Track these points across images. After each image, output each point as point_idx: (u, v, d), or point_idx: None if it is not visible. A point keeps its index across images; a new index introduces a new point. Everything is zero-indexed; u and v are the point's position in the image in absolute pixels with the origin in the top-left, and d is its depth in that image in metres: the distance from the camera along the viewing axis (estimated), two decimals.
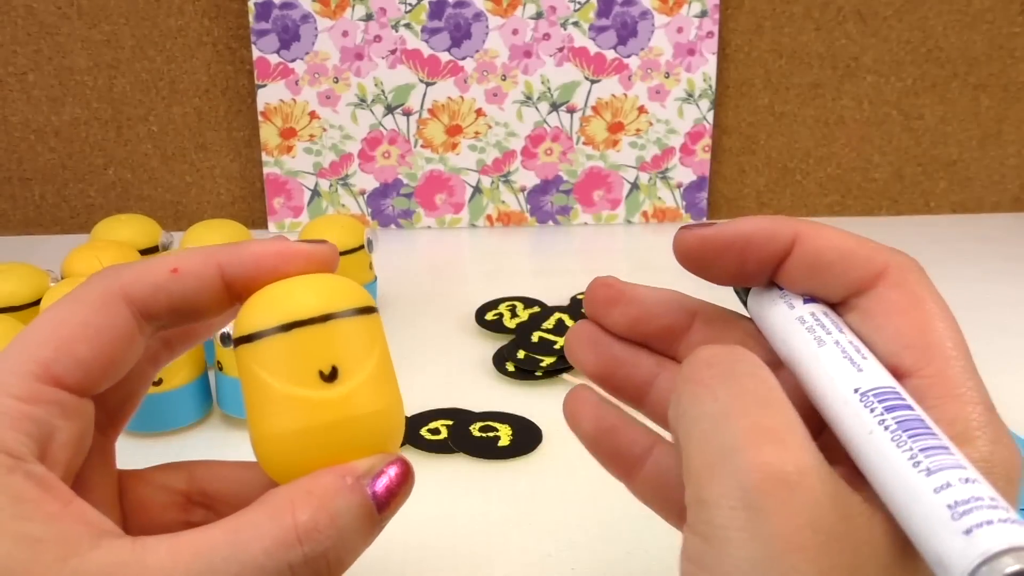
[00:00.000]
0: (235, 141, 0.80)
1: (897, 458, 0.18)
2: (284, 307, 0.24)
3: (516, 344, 0.55)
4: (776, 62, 0.80)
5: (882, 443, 0.19)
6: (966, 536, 0.16)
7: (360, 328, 0.24)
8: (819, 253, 0.23)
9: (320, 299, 0.24)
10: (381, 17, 0.76)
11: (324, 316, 0.24)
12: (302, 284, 0.24)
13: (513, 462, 0.45)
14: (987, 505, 0.16)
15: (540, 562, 0.38)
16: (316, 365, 0.23)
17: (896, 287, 0.23)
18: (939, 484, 0.17)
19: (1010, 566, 0.15)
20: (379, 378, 0.24)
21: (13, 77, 0.77)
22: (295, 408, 0.23)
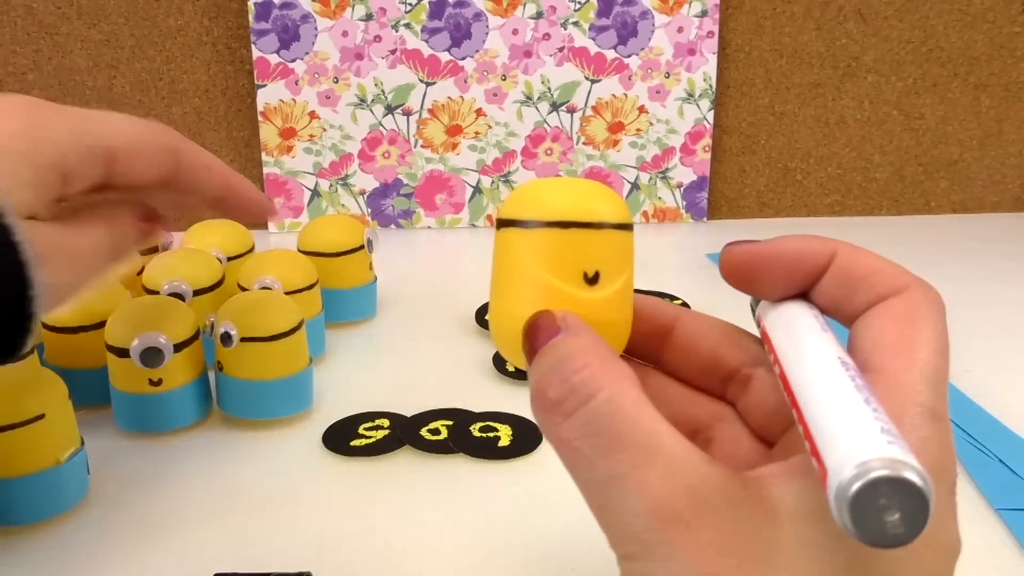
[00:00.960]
0: (235, 141, 0.80)
1: (855, 396, 0.20)
2: (564, 206, 0.25)
3: None
4: (776, 62, 0.80)
5: (848, 386, 0.21)
6: (887, 444, 0.18)
7: (623, 242, 0.26)
8: (854, 268, 0.25)
9: (596, 207, 0.25)
10: (381, 17, 0.76)
11: (598, 223, 0.25)
12: (581, 188, 0.26)
13: (513, 462, 0.45)
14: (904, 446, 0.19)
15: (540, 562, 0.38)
16: (582, 266, 0.25)
17: (903, 301, 0.24)
18: (879, 419, 0.19)
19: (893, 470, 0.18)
20: (627, 291, 0.26)
21: (13, 77, 0.77)
22: (553, 298, 0.25)
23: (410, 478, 0.43)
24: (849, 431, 0.19)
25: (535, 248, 0.25)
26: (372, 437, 0.46)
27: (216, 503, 0.41)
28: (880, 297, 0.25)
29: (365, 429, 0.47)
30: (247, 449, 0.46)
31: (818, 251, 0.26)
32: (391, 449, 0.45)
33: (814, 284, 0.26)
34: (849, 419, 0.20)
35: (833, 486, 0.18)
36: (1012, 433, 0.46)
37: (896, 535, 0.18)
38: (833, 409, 0.20)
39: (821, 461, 0.19)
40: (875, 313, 0.24)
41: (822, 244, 0.26)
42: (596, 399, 0.22)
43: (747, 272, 0.26)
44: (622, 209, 0.26)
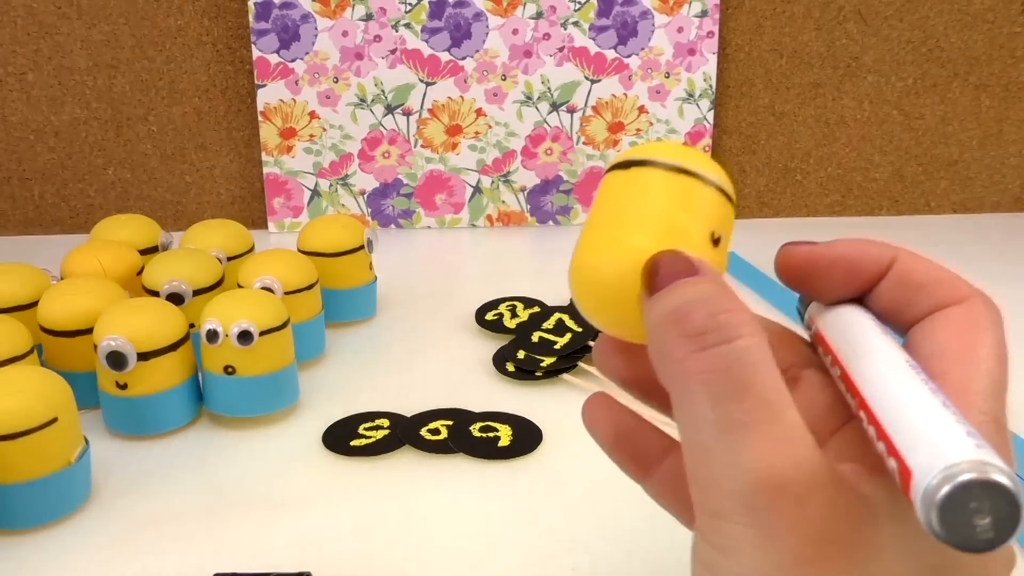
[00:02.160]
0: (235, 141, 0.80)
1: (933, 399, 0.20)
2: (705, 162, 0.25)
3: (516, 344, 0.55)
4: (776, 62, 0.80)
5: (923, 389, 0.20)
6: (976, 448, 0.18)
7: (732, 218, 0.25)
8: (914, 275, 0.25)
9: (729, 183, 0.25)
10: (381, 17, 0.76)
11: (730, 197, 0.25)
12: (712, 160, 0.25)
13: (513, 462, 0.45)
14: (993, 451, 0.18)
15: (540, 562, 0.38)
16: (711, 224, 0.24)
17: (965, 311, 0.24)
18: (963, 423, 0.19)
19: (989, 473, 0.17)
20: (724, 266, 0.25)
21: (12, 77, 0.77)
22: (683, 241, 0.23)
23: (410, 478, 0.43)
24: (934, 433, 0.19)
25: (671, 187, 0.24)
26: (372, 437, 0.46)
27: (216, 503, 0.41)
28: (939, 305, 0.24)
29: (365, 429, 0.47)
30: (247, 449, 0.46)
31: (878, 256, 0.25)
32: (391, 449, 0.45)
33: (871, 289, 0.26)
34: (931, 420, 0.19)
35: (920, 488, 0.18)
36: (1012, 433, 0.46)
37: (987, 539, 0.17)
38: (913, 410, 0.20)
39: (903, 462, 0.19)
40: (935, 321, 0.24)
41: (882, 249, 0.26)
42: (737, 342, 0.21)
43: (806, 273, 0.26)
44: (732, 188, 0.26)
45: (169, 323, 0.46)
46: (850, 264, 0.26)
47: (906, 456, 0.19)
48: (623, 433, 0.28)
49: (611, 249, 0.24)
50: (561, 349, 0.54)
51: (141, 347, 0.44)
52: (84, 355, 0.47)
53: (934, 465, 0.18)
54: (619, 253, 0.23)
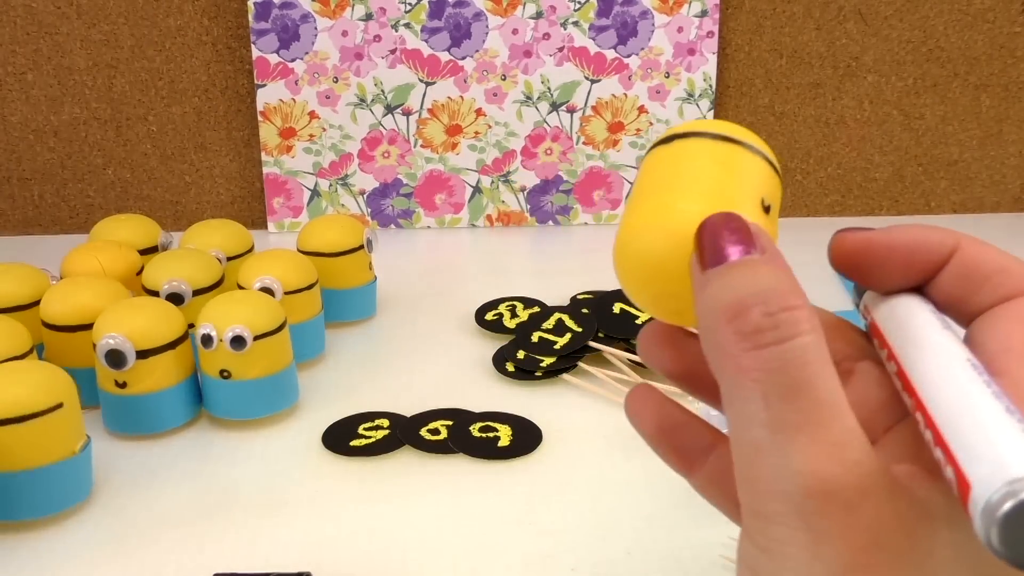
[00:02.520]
0: (235, 141, 0.80)
1: (995, 404, 0.19)
2: (748, 133, 0.24)
3: (516, 344, 0.55)
4: (776, 62, 0.80)
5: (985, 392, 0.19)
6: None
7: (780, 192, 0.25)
8: (979, 264, 0.24)
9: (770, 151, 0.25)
10: (381, 17, 0.76)
11: (773, 163, 0.24)
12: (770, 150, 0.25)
13: (513, 462, 0.45)
14: None
15: (540, 562, 0.38)
16: (760, 191, 0.23)
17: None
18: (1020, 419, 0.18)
19: None
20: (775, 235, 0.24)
21: (12, 77, 0.77)
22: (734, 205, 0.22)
23: (410, 478, 0.43)
24: (996, 443, 0.18)
25: (719, 155, 0.23)
26: (372, 437, 0.46)
27: (215, 503, 0.41)
28: (1006, 297, 0.23)
29: (365, 429, 0.47)
30: (246, 449, 0.46)
31: (940, 243, 0.24)
32: (391, 449, 0.45)
33: (932, 278, 0.24)
34: (993, 429, 0.18)
35: (980, 502, 0.17)
36: None
37: None
38: (973, 416, 0.19)
39: (961, 472, 0.18)
40: (1001, 313, 0.23)
41: (944, 235, 0.24)
42: (794, 341, 0.20)
43: (861, 260, 0.25)
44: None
45: (167, 322, 0.46)
46: (909, 252, 0.24)
47: (965, 467, 0.18)
48: (667, 426, 0.27)
49: (660, 216, 0.22)
50: (561, 349, 0.54)
51: (140, 345, 0.44)
52: (85, 352, 0.47)
53: (995, 478, 0.17)
54: (669, 219, 0.22)
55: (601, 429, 0.48)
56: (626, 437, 0.48)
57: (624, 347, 0.54)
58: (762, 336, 0.20)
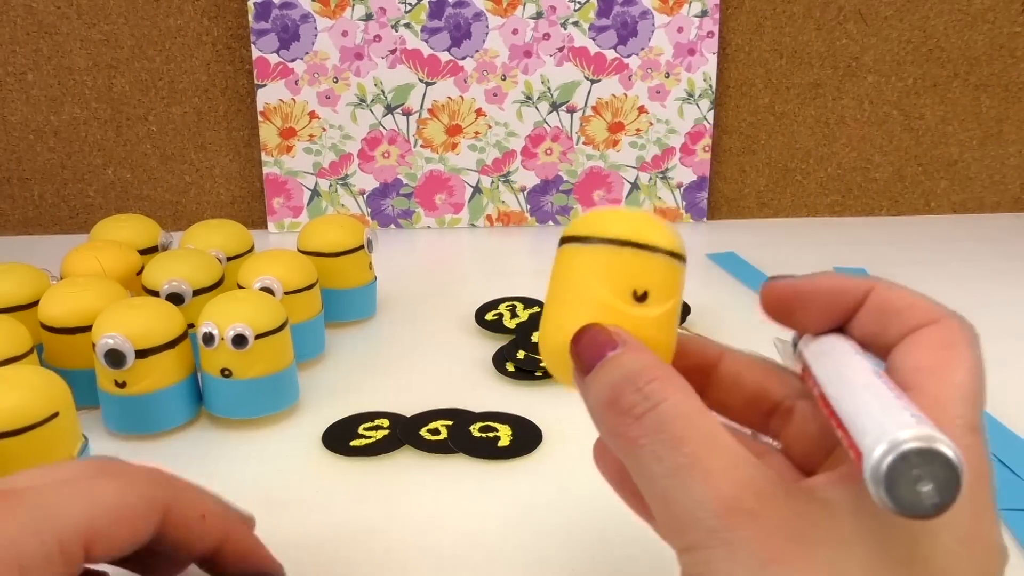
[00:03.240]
0: (235, 141, 0.80)
1: (888, 394, 0.22)
2: (621, 228, 0.27)
3: (516, 344, 0.55)
4: (776, 62, 0.80)
5: (882, 388, 0.22)
6: (915, 423, 0.20)
7: (673, 270, 0.27)
8: (891, 301, 0.27)
9: (661, 236, 0.27)
10: (381, 17, 0.76)
11: (651, 247, 0.27)
12: (639, 216, 0.27)
13: (513, 462, 0.45)
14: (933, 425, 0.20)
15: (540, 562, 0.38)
16: (633, 284, 0.26)
17: (939, 330, 0.26)
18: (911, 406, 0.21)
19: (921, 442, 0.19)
20: (672, 318, 0.27)
21: (12, 77, 0.77)
22: (602, 311, 0.26)
23: (410, 478, 0.43)
24: (879, 416, 0.21)
25: (590, 262, 0.27)
26: (372, 437, 0.46)
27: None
28: (916, 327, 0.26)
29: (365, 429, 0.47)
30: (246, 449, 0.46)
31: (856, 287, 0.27)
32: (391, 449, 0.45)
33: (851, 318, 0.27)
34: (879, 407, 0.21)
35: (868, 465, 0.19)
36: (1012, 433, 0.46)
37: (932, 504, 0.19)
38: (865, 403, 0.22)
39: (856, 447, 0.21)
40: (911, 340, 0.26)
41: (859, 281, 0.27)
42: (666, 403, 0.24)
43: (787, 306, 0.28)
44: (676, 240, 0.28)
45: (167, 321, 0.46)
46: (829, 296, 0.27)
47: (858, 441, 0.21)
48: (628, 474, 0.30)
49: (547, 326, 0.27)
50: None
51: (139, 344, 0.44)
52: (84, 353, 0.47)
53: (878, 443, 0.19)
54: (554, 332, 0.27)
55: None
56: None
57: None
58: (637, 408, 0.24)
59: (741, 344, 0.29)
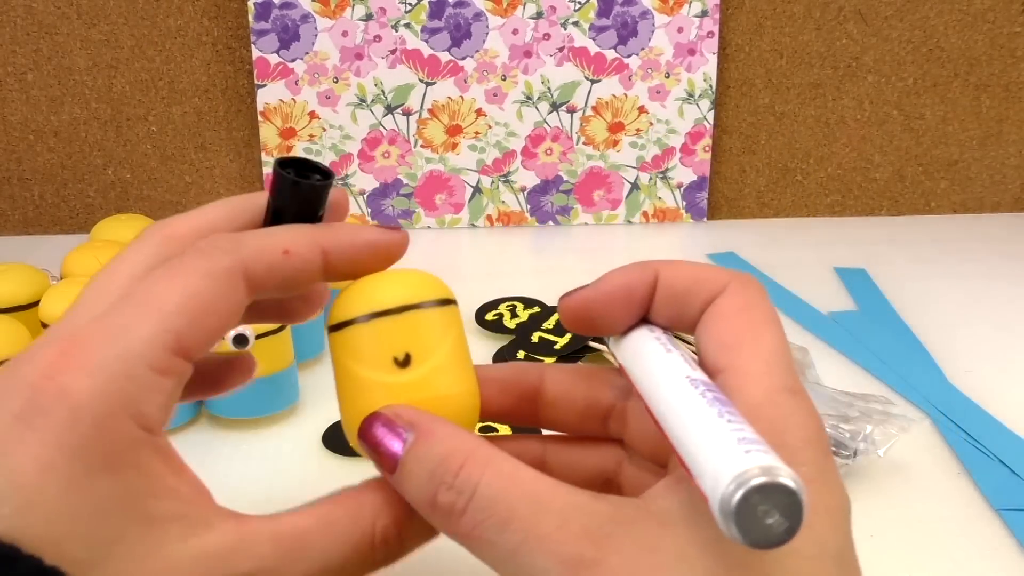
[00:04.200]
0: (235, 141, 0.80)
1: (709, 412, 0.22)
2: (367, 299, 0.26)
3: (516, 344, 0.55)
4: (776, 62, 0.80)
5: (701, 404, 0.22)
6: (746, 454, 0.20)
7: (433, 319, 0.27)
8: (676, 282, 0.26)
9: (399, 293, 0.26)
10: (381, 17, 0.76)
11: (400, 307, 0.26)
12: (385, 279, 0.27)
13: None
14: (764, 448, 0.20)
15: None
16: (391, 352, 0.26)
17: (729, 297, 0.26)
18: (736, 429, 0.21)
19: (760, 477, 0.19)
20: (451, 365, 0.26)
21: (12, 77, 0.77)
22: (371, 391, 0.26)
23: None
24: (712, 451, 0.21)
25: (348, 346, 0.26)
26: None
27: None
28: (707, 301, 0.26)
29: None
30: (247, 450, 0.46)
31: (640, 279, 0.27)
32: None
33: (649, 308, 0.27)
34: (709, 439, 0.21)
35: (715, 507, 0.20)
36: (1012, 433, 0.46)
37: (780, 533, 0.19)
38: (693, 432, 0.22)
39: (700, 489, 0.21)
40: (709, 317, 0.26)
41: (643, 269, 0.27)
42: (480, 487, 0.23)
43: (586, 319, 0.28)
44: (431, 287, 0.27)
45: None
46: (620, 295, 0.27)
47: (699, 484, 0.21)
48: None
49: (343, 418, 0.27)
50: (561, 349, 0.54)
51: None
52: None
53: (719, 483, 0.20)
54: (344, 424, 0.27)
55: None
56: None
57: None
58: (457, 505, 0.23)
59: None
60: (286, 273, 0.25)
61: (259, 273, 0.25)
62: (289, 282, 0.26)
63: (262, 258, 0.25)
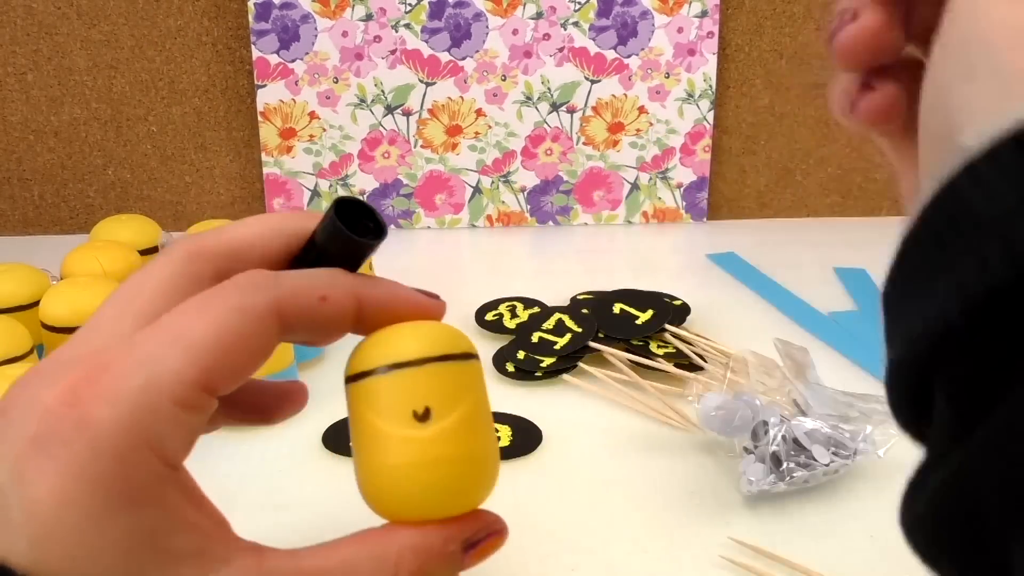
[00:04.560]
0: (235, 141, 0.80)
1: None
2: (389, 350, 0.25)
3: (516, 344, 0.55)
4: (776, 62, 0.80)
5: None
6: None
7: (455, 373, 0.25)
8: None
9: (421, 344, 0.25)
10: (381, 17, 0.76)
11: (421, 360, 0.25)
12: (409, 330, 0.26)
13: (513, 462, 0.45)
14: None
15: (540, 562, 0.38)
16: (411, 405, 0.25)
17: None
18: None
19: None
20: (472, 422, 0.25)
21: (12, 77, 0.77)
22: (389, 445, 0.25)
23: None
24: None
25: (367, 398, 0.25)
26: None
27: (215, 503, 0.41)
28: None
29: None
30: (247, 449, 0.46)
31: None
32: None
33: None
34: None
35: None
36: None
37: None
38: None
39: None
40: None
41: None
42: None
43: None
44: (454, 340, 0.26)
45: None
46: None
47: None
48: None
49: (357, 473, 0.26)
50: (561, 349, 0.54)
51: None
52: None
53: None
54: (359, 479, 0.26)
55: (601, 429, 0.48)
56: (626, 437, 0.48)
57: (624, 347, 0.54)
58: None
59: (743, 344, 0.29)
60: (320, 319, 0.25)
61: (293, 315, 0.24)
62: (321, 328, 0.26)
63: (298, 301, 0.24)
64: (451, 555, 0.25)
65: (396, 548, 0.24)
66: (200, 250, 0.26)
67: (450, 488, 0.25)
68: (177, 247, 0.26)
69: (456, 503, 0.26)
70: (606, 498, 0.42)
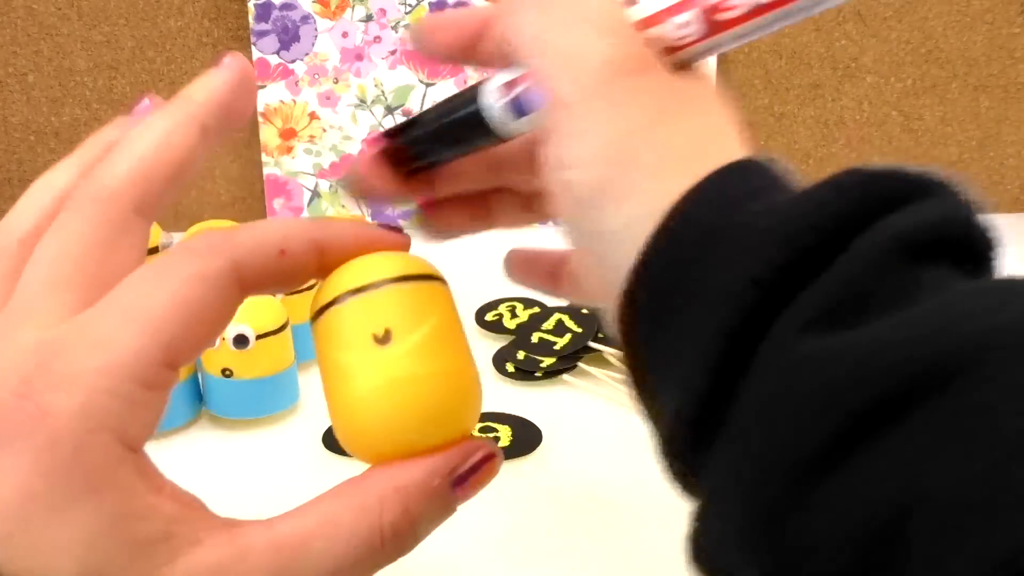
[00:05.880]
0: (235, 142, 0.80)
1: None
2: (343, 280, 0.24)
3: (516, 345, 0.55)
4: (776, 62, 0.80)
5: None
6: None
7: (416, 292, 0.25)
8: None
9: (377, 268, 0.24)
10: (381, 18, 0.76)
11: (378, 282, 0.24)
12: (366, 259, 0.25)
13: (513, 462, 0.45)
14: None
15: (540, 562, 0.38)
16: (370, 329, 0.24)
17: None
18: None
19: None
20: (438, 341, 0.24)
21: (13, 78, 0.77)
22: (353, 375, 0.24)
23: None
24: None
25: (325, 331, 0.25)
26: None
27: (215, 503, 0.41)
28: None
29: None
30: (247, 449, 0.46)
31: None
32: None
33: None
34: None
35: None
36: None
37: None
38: None
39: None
40: None
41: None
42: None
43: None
44: (404, 264, 0.25)
45: None
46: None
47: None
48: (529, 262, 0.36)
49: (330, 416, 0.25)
50: (561, 350, 0.54)
51: None
52: None
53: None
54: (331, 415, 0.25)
55: (601, 429, 0.48)
56: (626, 437, 0.48)
57: None
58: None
59: None
60: (280, 274, 0.24)
61: (252, 274, 0.23)
62: (283, 282, 0.25)
63: (256, 259, 0.23)
64: (438, 490, 0.24)
65: (376, 492, 0.23)
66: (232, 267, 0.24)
67: (422, 414, 0.23)
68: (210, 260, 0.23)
69: (434, 431, 0.24)
70: (606, 498, 0.42)
